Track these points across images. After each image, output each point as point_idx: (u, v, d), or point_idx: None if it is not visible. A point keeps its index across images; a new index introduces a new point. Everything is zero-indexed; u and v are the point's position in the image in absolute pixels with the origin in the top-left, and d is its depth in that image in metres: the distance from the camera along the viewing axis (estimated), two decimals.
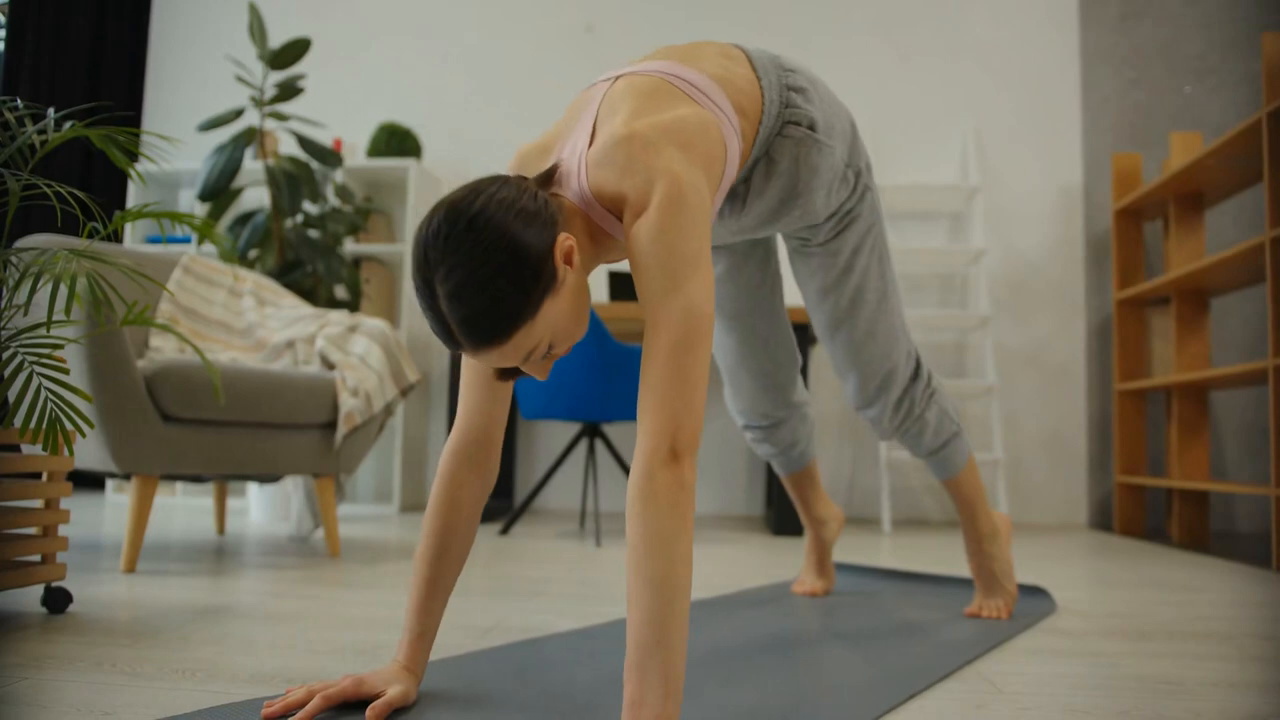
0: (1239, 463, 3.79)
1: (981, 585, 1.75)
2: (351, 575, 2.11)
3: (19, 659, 1.27)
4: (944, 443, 1.67)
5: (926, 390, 1.62)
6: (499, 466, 1.15)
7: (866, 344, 1.52)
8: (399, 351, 2.56)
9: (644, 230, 0.97)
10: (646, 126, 1.01)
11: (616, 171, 1.00)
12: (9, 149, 1.52)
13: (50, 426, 1.38)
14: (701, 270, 0.96)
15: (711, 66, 1.18)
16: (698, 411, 0.94)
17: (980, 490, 1.73)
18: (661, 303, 0.95)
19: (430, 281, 0.92)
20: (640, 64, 1.16)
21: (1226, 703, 1.18)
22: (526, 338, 0.94)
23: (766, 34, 4.20)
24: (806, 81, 1.29)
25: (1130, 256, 3.70)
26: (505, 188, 0.95)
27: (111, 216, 1.89)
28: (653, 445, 0.92)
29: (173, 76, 4.61)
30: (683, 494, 0.91)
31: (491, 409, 1.12)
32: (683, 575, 0.89)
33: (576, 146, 1.06)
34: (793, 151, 1.26)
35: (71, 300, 1.40)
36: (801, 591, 1.94)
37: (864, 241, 1.44)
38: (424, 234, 0.93)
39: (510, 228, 0.92)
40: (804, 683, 1.22)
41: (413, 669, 1.09)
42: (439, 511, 1.12)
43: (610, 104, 1.08)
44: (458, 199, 0.94)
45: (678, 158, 0.99)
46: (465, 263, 0.90)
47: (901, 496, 3.98)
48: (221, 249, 3.00)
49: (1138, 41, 4.00)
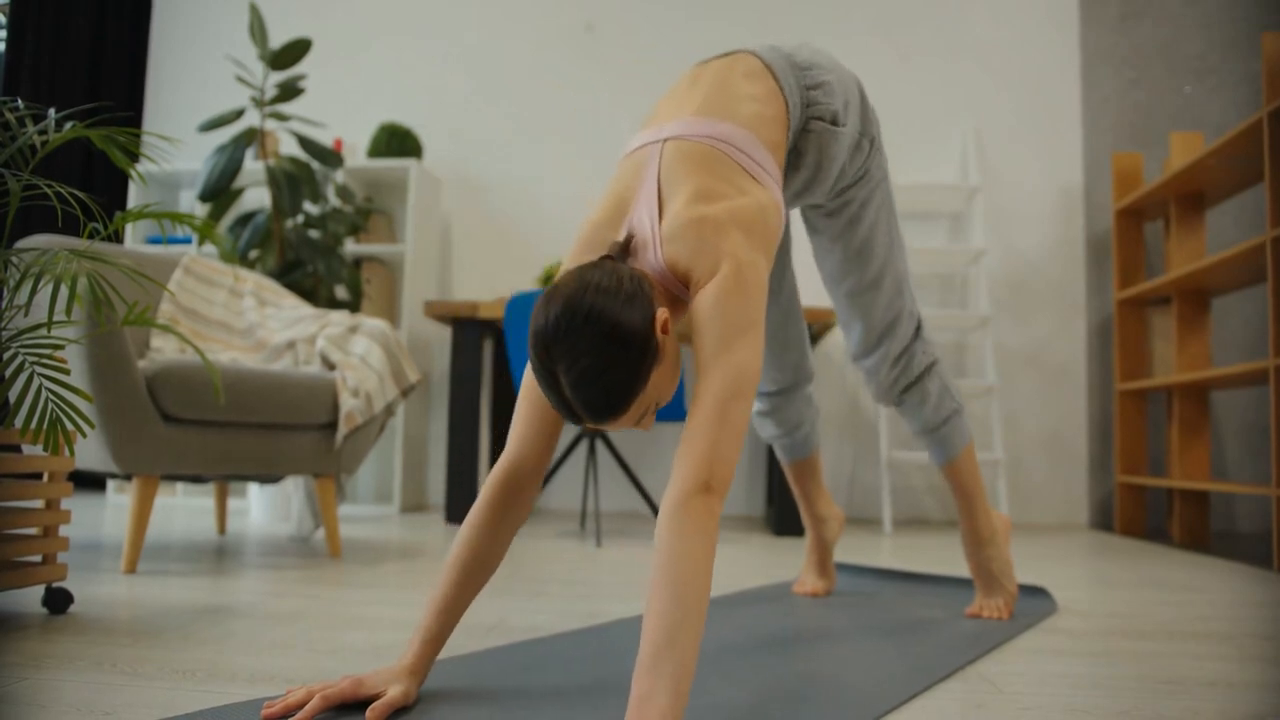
0: (1240, 463, 3.79)
1: (981, 585, 1.75)
2: (352, 575, 2.11)
3: (19, 659, 1.27)
4: (944, 419, 1.69)
5: (927, 354, 1.66)
6: (537, 496, 1.18)
7: (871, 293, 1.59)
8: (399, 352, 2.56)
9: (706, 299, 1.08)
10: (716, 212, 1.13)
11: (689, 251, 1.11)
12: (9, 149, 1.52)
13: (51, 427, 1.38)
14: (753, 336, 1.07)
15: (745, 109, 1.26)
16: (733, 456, 1.02)
17: (980, 483, 1.74)
18: (713, 359, 1.05)
19: (554, 371, 1.01)
20: (682, 119, 1.23)
21: (1226, 703, 1.18)
22: (638, 406, 1.05)
23: (766, 34, 4.20)
24: (822, 71, 1.37)
25: (1131, 256, 3.70)
26: (607, 275, 1.04)
27: (112, 217, 1.89)
28: (690, 475, 0.99)
29: (173, 77, 4.61)
30: (711, 522, 0.98)
31: (542, 443, 1.18)
32: (702, 591, 0.94)
33: (646, 220, 1.17)
34: (816, 143, 1.37)
35: (72, 301, 1.40)
36: (802, 592, 1.94)
37: (873, 195, 1.53)
38: (543, 326, 1.02)
39: (619, 316, 1.01)
40: (804, 683, 1.22)
41: (416, 670, 1.09)
42: (477, 535, 1.16)
43: (670, 174, 1.18)
44: (571, 294, 1.02)
45: (741, 241, 1.11)
46: (585, 354, 1.00)
47: (902, 496, 3.98)
48: (222, 249, 3.00)
49: (1138, 41, 4.00)
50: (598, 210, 1.22)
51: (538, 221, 4.27)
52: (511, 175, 4.31)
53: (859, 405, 4.06)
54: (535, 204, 4.28)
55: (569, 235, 4.23)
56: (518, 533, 1.19)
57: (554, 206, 4.26)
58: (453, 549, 1.16)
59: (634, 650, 1.38)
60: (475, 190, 4.34)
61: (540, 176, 4.29)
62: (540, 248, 4.25)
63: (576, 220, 4.23)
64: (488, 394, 4.12)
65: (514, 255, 4.28)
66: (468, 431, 3.39)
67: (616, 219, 1.20)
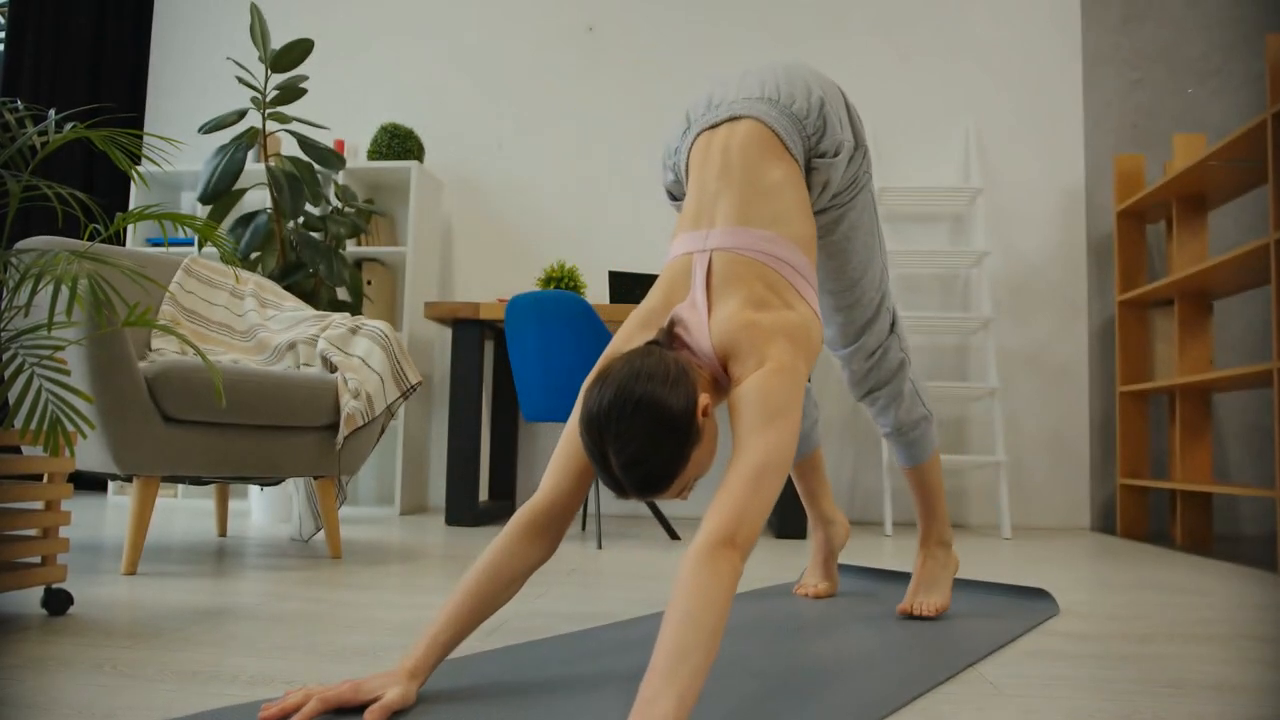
0: (1242, 465, 3.78)
1: (924, 583, 1.78)
2: (353, 577, 2.11)
3: (19, 661, 1.27)
4: (915, 422, 1.74)
5: (901, 349, 1.70)
6: (562, 537, 1.25)
7: (852, 291, 1.63)
8: (400, 353, 2.55)
9: (750, 384, 1.17)
10: (766, 320, 1.23)
11: (738, 348, 1.21)
12: (9, 150, 1.52)
13: (51, 428, 1.38)
14: (791, 423, 1.14)
15: (782, 206, 1.34)
16: (760, 522, 1.07)
17: (942, 491, 1.81)
18: (753, 433, 1.12)
19: (605, 453, 1.10)
20: (728, 228, 1.30)
21: (1228, 706, 1.18)
22: (680, 482, 1.14)
23: (767, 34, 4.20)
24: (814, 112, 1.43)
25: (1133, 258, 3.69)
26: (655, 362, 1.13)
27: (113, 218, 1.89)
28: (719, 528, 1.04)
29: (174, 78, 4.61)
30: (733, 573, 1.01)
31: (576, 489, 1.23)
32: (717, 624, 0.96)
33: (695, 313, 1.26)
34: (821, 177, 1.46)
35: (73, 302, 1.39)
36: (804, 593, 1.94)
37: (857, 197, 1.57)
38: (595, 411, 1.10)
39: (666, 402, 1.10)
40: (806, 684, 1.21)
41: (416, 673, 1.09)
42: (497, 558, 1.18)
43: (721, 280, 1.27)
44: (623, 381, 1.11)
45: (787, 348, 1.21)
46: (634, 439, 1.09)
47: (903, 499, 3.97)
48: (223, 251, 3.00)
49: (1140, 42, 4.00)
50: (649, 299, 1.32)
51: (538, 223, 4.27)
52: (512, 176, 4.31)
53: (860, 410, 4.06)
54: (536, 205, 4.28)
55: (570, 236, 4.24)
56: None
57: (555, 208, 4.26)
58: (472, 566, 1.18)
59: (634, 651, 1.38)
60: (476, 191, 4.34)
61: (541, 178, 4.29)
62: (541, 249, 4.25)
63: (577, 221, 4.24)
64: (488, 395, 4.12)
65: (514, 256, 4.28)
66: (468, 433, 3.39)
67: (660, 312, 1.30)
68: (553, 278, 3.67)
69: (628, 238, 4.21)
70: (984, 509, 3.93)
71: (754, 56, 4.21)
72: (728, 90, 1.48)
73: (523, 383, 3.05)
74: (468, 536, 3.04)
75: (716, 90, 1.51)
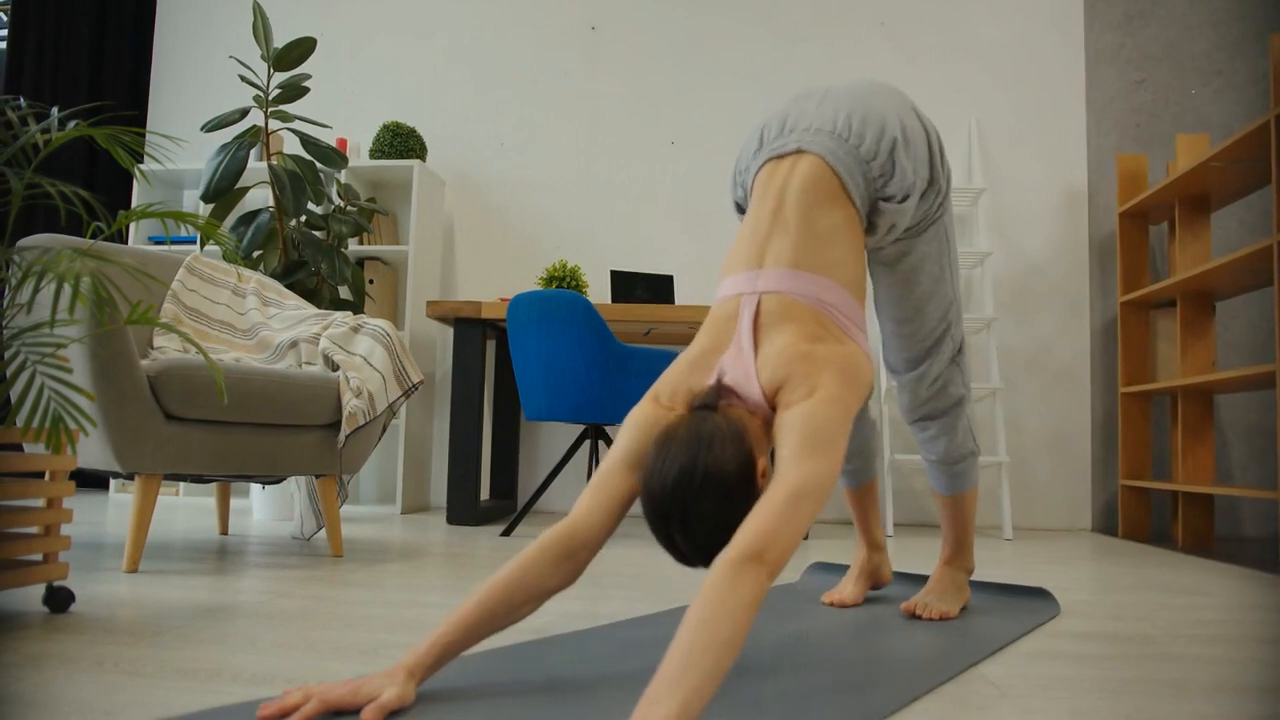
0: (1244, 466, 3.78)
1: (937, 589, 1.79)
2: (354, 575, 2.11)
3: (20, 658, 1.27)
4: (963, 456, 1.75)
5: (963, 384, 1.70)
6: (585, 567, 1.22)
7: (915, 320, 1.64)
8: (402, 352, 2.55)
9: (796, 410, 1.18)
10: (819, 352, 1.24)
11: (790, 378, 1.22)
12: (12, 148, 1.52)
13: (53, 425, 1.38)
14: (834, 453, 1.14)
15: (835, 254, 1.34)
16: (792, 544, 1.06)
17: (973, 523, 1.82)
18: (795, 458, 1.12)
19: (670, 530, 1.13)
20: (780, 270, 1.32)
21: (1230, 707, 1.18)
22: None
23: (767, 34, 4.20)
24: (884, 155, 1.43)
25: (1135, 259, 3.69)
26: (716, 430, 1.14)
27: (115, 216, 1.89)
28: (750, 542, 1.03)
29: (177, 76, 4.61)
30: (757, 587, 1.00)
31: (608, 519, 1.23)
32: (733, 636, 0.94)
33: (740, 358, 1.27)
34: (887, 219, 1.47)
35: (75, 299, 1.39)
36: (834, 601, 1.87)
37: (928, 230, 1.57)
38: (659, 486, 1.12)
39: (726, 471, 1.12)
40: (806, 684, 1.21)
41: (415, 671, 1.09)
42: (517, 573, 1.16)
43: (772, 319, 1.29)
44: (686, 459, 1.12)
45: (838, 379, 1.21)
46: (699, 518, 1.11)
47: (905, 499, 3.97)
48: (225, 249, 3.00)
49: (1143, 42, 3.99)
50: (699, 341, 1.33)
51: (540, 222, 4.27)
52: (514, 175, 4.31)
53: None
54: (538, 204, 4.28)
55: (572, 236, 4.24)
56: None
57: (557, 207, 4.26)
58: (491, 576, 1.17)
59: (635, 651, 1.38)
60: (478, 190, 4.34)
61: (544, 177, 4.29)
62: (543, 248, 4.25)
63: (580, 220, 4.24)
64: (490, 394, 4.12)
65: (516, 255, 4.28)
66: (470, 432, 3.39)
67: (710, 355, 1.31)
68: (554, 277, 3.67)
69: (630, 237, 4.21)
70: (986, 509, 3.93)
71: (755, 56, 4.20)
72: (803, 114, 1.48)
73: (524, 382, 3.05)
74: (469, 536, 3.04)
75: (793, 111, 1.50)
